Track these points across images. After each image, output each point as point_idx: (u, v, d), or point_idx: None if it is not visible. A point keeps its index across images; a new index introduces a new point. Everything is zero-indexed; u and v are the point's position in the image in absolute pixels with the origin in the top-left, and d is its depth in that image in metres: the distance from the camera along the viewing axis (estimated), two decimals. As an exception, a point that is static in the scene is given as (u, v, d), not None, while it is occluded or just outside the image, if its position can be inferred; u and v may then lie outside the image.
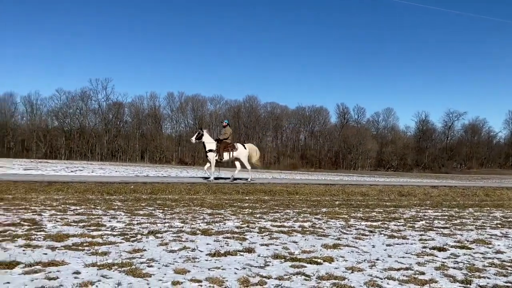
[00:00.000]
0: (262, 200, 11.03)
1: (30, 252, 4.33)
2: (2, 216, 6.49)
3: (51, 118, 77.73)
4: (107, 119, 78.34)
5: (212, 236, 5.65)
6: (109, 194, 10.57)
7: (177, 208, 8.56)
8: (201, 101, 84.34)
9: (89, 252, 4.43)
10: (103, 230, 5.76)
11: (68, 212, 7.21)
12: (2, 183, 11.22)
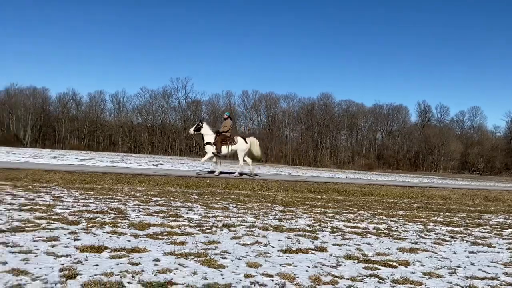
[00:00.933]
0: (335, 200, 10.86)
1: (116, 238, 4.68)
2: (92, 204, 7.08)
3: (136, 115, 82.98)
4: (186, 116, 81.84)
5: (283, 233, 5.69)
6: (187, 187, 11.06)
7: (250, 203, 8.72)
8: (275, 99, 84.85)
9: (168, 241, 4.68)
10: (181, 221, 6.04)
11: (149, 203, 7.66)
12: (92, 174, 12.24)
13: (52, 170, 12.43)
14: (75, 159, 23.06)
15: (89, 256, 3.83)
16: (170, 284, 3.21)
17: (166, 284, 3.20)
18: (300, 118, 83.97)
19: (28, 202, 6.76)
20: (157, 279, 3.31)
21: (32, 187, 8.77)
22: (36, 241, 4.26)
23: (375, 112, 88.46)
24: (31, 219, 5.36)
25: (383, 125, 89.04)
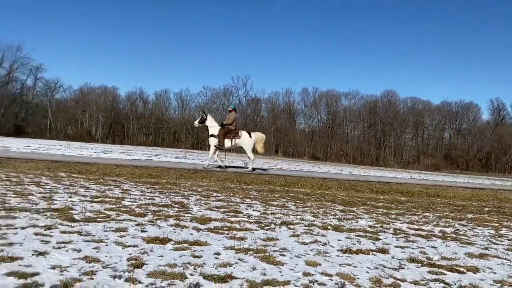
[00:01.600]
0: (398, 201, 10.49)
1: (179, 231, 4.86)
2: (157, 197, 7.40)
3: (198, 113, 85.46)
4: (245, 114, 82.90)
5: (343, 233, 5.59)
6: (246, 184, 11.21)
7: (309, 202, 8.66)
8: (335, 96, 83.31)
9: (228, 236, 4.78)
10: (240, 216, 6.15)
11: (210, 198, 7.87)
12: (157, 169, 12.78)
13: (121, 165, 13.15)
14: (142, 155, 24.24)
15: (154, 247, 4.02)
16: (230, 278, 3.28)
17: (226, 277, 3.27)
18: (362, 116, 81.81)
19: (99, 194, 7.21)
20: (217, 272, 3.39)
21: (103, 180, 9.34)
22: (107, 231, 4.54)
23: (443, 110, 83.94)
24: (102, 210, 5.72)
25: (451, 123, 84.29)
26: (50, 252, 3.56)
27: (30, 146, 24.24)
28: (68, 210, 5.50)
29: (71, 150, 23.72)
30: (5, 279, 2.84)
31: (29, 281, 2.83)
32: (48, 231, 4.30)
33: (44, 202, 5.93)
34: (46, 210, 5.38)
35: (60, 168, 11.12)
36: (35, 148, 22.11)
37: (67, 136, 66.47)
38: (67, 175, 9.77)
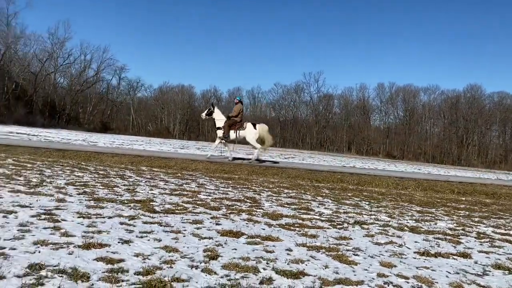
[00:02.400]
0: (482, 203, 9.78)
1: (251, 225, 4.96)
2: (230, 192, 7.61)
3: (269, 110, 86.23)
4: (317, 110, 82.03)
5: (421, 235, 5.34)
6: (318, 181, 11.12)
7: (384, 201, 8.38)
8: (413, 92, 79.33)
9: (300, 233, 4.79)
10: (311, 214, 6.12)
11: (281, 195, 7.93)
12: (230, 165, 13.12)
13: (196, 160, 13.69)
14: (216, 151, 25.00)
15: (228, 240, 4.14)
16: (302, 274, 3.29)
17: (299, 274, 3.28)
18: (442, 112, 77.12)
19: (177, 187, 7.58)
20: (290, 268, 3.42)
21: (180, 175, 9.80)
22: (184, 223, 4.77)
23: (536, 105, 76.43)
24: (180, 203, 6.01)
25: (546, 119, 76.49)
26: (133, 240, 3.83)
27: (115, 141, 26.09)
28: (149, 202, 5.85)
29: (151, 145, 25.17)
30: (95, 263, 3.10)
31: (116, 267, 3.06)
32: (132, 221, 4.61)
33: (128, 194, 6.36)
34: (129, 201, 5.78)
35: (142, 162, 11.83)
36: (119, 143, 23.75)
37: (147, 132, 70.58)
38: (148, 169, 10.38)
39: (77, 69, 65.30)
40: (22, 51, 54.89)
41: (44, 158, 10.59)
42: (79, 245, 3.50)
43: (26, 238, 3.54)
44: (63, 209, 4.84)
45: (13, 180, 6.60)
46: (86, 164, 10.23)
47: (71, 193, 5.94)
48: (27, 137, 21.22)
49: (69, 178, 7.48)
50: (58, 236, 3.73)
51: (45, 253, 3.21)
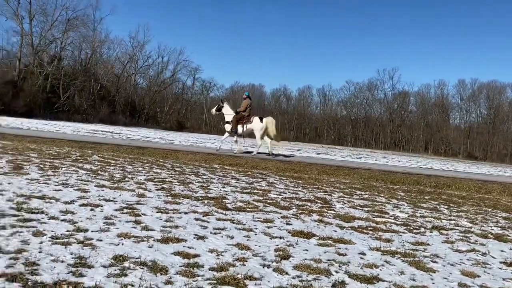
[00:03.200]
0: None
1: (322, 227, 4.90)
2: (300, 192, 7.58)
3: (340, 108, 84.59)
4: (391, 108, 78.98)
5: (507, 243, 4.93)
6: (392, 183, 10.70)
7: (465, 206, 7.86)
8: (499, 88, 73.35)
9: (373, 237, 4.65)
10: (386, 217, 5.91)
11: (354, 196, 7.74)
12: (300, 164, 13.07)
13: (266, 159, 13.83)
14: (285, 150, 25.05)
15: (299, 241, 4.13)
16: (376, 279, 3.19)
17: (372, 279, 3.19)
18: (532, 110, 70.50)
19: (248, 186, 7.71)
20: (363, 272, 3.33)
21: (251, 173, 9.95)
22: (255, 221, 4.83)
23: None
24: (251, 201, 6.10)
25: None
26: (208, 236, 3.96)
27: (189, 139, 27.16)
28: (222, 199, 6.02)
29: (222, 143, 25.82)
30: (173, 257, 3.25)
31: (192, 262, 3.19)
32: (206, 217, 4.77)
33: (202, 191, 6.59)
34: (203, 198, 5.98)
35: (214, 160, 12.20)
36: (194, 141, 24.68)
37: (219, 131, 72.56)
38: (220, 167, 10.68)
39: (155, 70, 68.90)
40: (106, 55, 59.08)
41: (125, 155, 11.31)
42: (158, 239, 3.69)
43: (110, 231, 3.81)
44: (143, 204, 5.14)
45: (99, 175, 7.13)
46: (163, 161, 10.77)
47: (150, 189, 6.28)
48: (110, 135, 22.82)
49: (148, 174, 7.92)
50: (139, 229, 3.96)
51: (127, 245, 3.42)
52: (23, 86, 41.65)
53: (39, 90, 42.58)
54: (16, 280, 2.49)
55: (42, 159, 8.49)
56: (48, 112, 40.81)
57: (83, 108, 49.05)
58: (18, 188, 5.29)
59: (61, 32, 47.64)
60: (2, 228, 3.48)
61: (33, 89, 41.87)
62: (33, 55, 44.92)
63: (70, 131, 21.18)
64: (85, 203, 4.82)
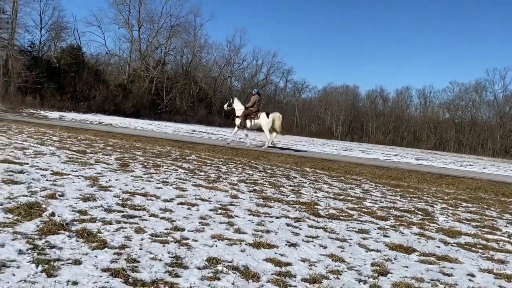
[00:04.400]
0: None
1: (424, 241, 4.51)
2: (399, 201, 7.12)
3: (443, 110, 78.84)
4: (502, 111, 71.56)
5: None
6: (504, 195, 9.59)
7: None
8: None
9: (483, 256, 4.15)
10: (498, 235, 5.27)
11: (459, 208, 7.07)
12: (398, 170, 12.37)
13: (360, 164, 13.32)
14: (381, 154, 24.02)
15: (398, 256, 3.84)
16: (490, 309, 2.81)
17: (485, 308, 2.82)
18: None
19: (341, 192, 7.44)
20: (473, 299, 2.97)
21: (344, 178, 9.63)
22: (349, 231, 4.61)
23: None
24: (344, 209, 5.86)
25: None
26: (300, 244, 3.85)
27: (280, 141, 27.36)
28: (313, 205, 5.87)
29: (314, 146, 25.56)
30: (264, 264, 3.20)
31: (284, 270, 3.11)
32: (297, 223, 4.67)
33: (293, 195, 6.51)
34: (295, 202, 5.89)
35: (306, 163, 12.06)
36: (284, 143, 24.79)
37: (310, 133, 72.14)
38: (312, 171, 10.51)
39: (249, 73, 70.69)
40: (205, 59, 62.09)
41: (220, 155, 11.69)
42: (250, 243, 3.68)
43: (205, 231, 3.89)
44: (236, 205, 5.20)
45: (195, 174, 7.42)
46: (255, 162, 10.91)
47: (242, 190, 6.36)
48: (207, 135, 23.88)
49: (241, 175, 8.06)
50: (232, 232, 3.99)
51: (221, 248, 3.46)
52: (131, 89, 45.51)
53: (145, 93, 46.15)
54: (118, 275, 2.63)
55: (146, 157, 9.10)
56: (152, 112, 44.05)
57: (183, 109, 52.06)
58: (124, 184, 5.69)
59: (166, 38, 51.12)
60: (108, 223, 3.74)
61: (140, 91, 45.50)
62: (141, 60, 48.82)
63: (171, 131, 22.58)
64: (183, 202, 5.02)
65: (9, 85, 30.82)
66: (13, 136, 10.09)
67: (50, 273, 2.55)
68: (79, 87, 37.68)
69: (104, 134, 14.47)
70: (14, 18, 32.31)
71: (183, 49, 54.96)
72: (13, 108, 26.28)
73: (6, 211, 3.71)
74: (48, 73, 34.93)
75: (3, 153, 7.12)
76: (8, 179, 5.03)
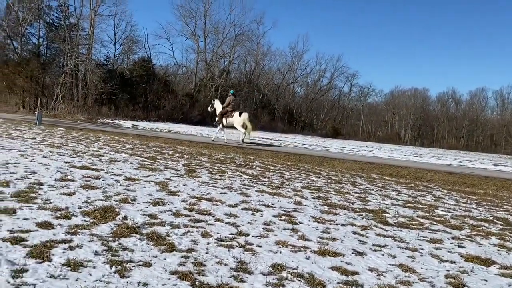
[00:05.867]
0: None
1: (505, 253, 4.17)
2: (475, 210, 6.65)
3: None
4: None
5: None
6: None
7: None
8: None
9: None
10: None
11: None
12: (473, 177, 11.58)
13: (431, 170, 12.65)
14: (454, 160, 22.65)
15: (475, 268, 3.57)
16: None
17: None
18: None
19: (411, 199, 7.11)
20: None
21: (414, 185, 9.20)
22: (420, 240, 4.38)
23: None
24: (415, 217, 5.58)
25: None
26: (367, 253, 3.72)
27: (345, 147, 26.76)
28: (381, 212, 5.66)
29: (381, 152, 24.69)
30: (330, 272, 3.13)
31: (350, 279, 3.01)
32: (364, 231, 4.52)
33: (360, 202, 6.32)
34: (361, 210, 5.71)
35: (372, 169, 11.69)
36: (350, 149, 24.22)
37: (377, 138, 69.93)
38: (379, 177, 10.15)
39: (312, 78, 70.17)
40: (267, 66, 62.67)
41: (283, 161, 11.68)
42: (315, 250, 3.61)
43: (269, 237, 3.89)
44: (300, 212, 5.15)
45: (259, 180, 7.47)
46: (319, 168, 10.77)
47: (306, 197, 6.29)
48: (270, 141, 23.98)
49: (304, 181, 7.98)
50: (296, 238, 3.95)
51: (285, 254, 3.43)
52: (198, 98, 47.09)
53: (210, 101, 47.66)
54: (186, 278, 2.70)
55: (211, 163, 9.33)
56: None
57: (247, 116, 53.00)
58: (191, 189, 5.87)
59: (230, 48, 52.35)
60: (177, 227, 3.87)
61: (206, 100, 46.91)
62: (206, 69, 50.38)
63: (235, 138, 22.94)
64: (247, 207, 5.06)
65: (87, 97, 33.17)
66: (91, 144, 10.82)
67: (123, 274, 2.68)
68: (150, 97, 39.66)
69: (173, 141, 15.07)
70: (91, 35, 34.78)
71: (246, 57, 55.93)
72: (91, 118, 28.24)
73: (84, 214, 3.96)
74: (122, 84, 37.14)
75: (82, 160, 7.65)
76: (86, 184, 5.40)
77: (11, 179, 5.15)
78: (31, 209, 3.92)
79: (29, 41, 33.96)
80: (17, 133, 11.65)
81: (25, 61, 31.07)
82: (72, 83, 32.63)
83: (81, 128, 17.41)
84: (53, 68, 33.61)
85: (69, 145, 9.85)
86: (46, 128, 14.91)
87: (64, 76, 31.67)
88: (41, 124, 16.24)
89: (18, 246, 2.97)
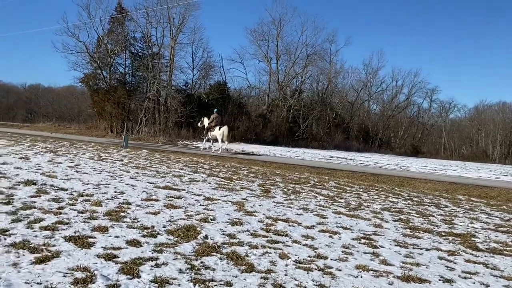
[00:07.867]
0: None
1: None
2: None
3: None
4: None
5: None
6: None
7: None
8: None
9: None
10: None
11: None
12: None
13: (526, 190, 11.52)
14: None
15: None
16: None
17: None
18: None
19: (504, 223, 6.53)
20: None
21: (506, 207, 8.45)
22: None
23: None
24: (509, 242, 5.12)
25: None
26: (456, 280, 3.48)
27: (427, 166, 25.35)
28: (470, 237, 5.26)
29: (467, 171, 23.03)
30: (416, 300, 2.97)
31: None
32: (452, 257, 4.23)
33: (445, 225, 5.93)
34: (447, 234, 5.36)
35: (458, 190, 10.94)
36: (431, 168, 22.92)
37: (461, 156, 65.44)
38: (466, 198, 9.47)
39: (388, 95, 67.87)
40: (341, 84, 61.86)
41: (360, 181, 11.36)
42: (398, 276, 3.45)
43: (349, 261, 3.79)
44: (380, 235, 4.96)
45: (335, 201, 7.34)
46: (399, 189, 10.31)
47: (386, 219, 6.05)
48: (344, 161, 23.49)
49: (384, 203, 7.69)
50: (377, 262, 3.81)
51: (366, 279, 3.32)
52: (270, 118, 47.73)
53: (283, 121, 47.86)
54: (266, 300, 2.72)
55: (286, 183, 9.35)
56: (290, 140, 45.34)
57: (320, 135, 52.36)
58: (267, 210, 5.92)
59: (302, 68, 52.62)
60: (255, 247, 3.92)
61: (278, 120, 47.38)
62: (279, 90, 51.01)
63: (309, 157, 22.83)
64: (324, 229, 4.99)
65: (168, 120, 35.16)
66: (172, 165, 11.40)
67: (206, 292, 2.77)
68: (225, 119, 41.02)
69: (247, 162, 15.36)
70: (171, 62, 37.03)
71: (318, 76, 55.76)
72: (171, 140, 29.82)
73: (168, 233, 4.17)
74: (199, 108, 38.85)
75: (164, 180, 8.08)
76: (169, 204, 5.68)
77: (102, 199, 5.58)
78: (121, 228, 4.21)
79: (117, 70, 37.00)
80: (106, 155, 12.63)
81: (113, 89, 33.87)
82: (155, 108, 34.78)
83: (162, 150, 18.42)
84: (137, 95, 36.16)
85: (153, 166, 10.46)
86: (132, 150, 16.00)
87: (147, 102, 33.92)
88: (127, 147, 17.48)
89: (111, 262, 3.20)
